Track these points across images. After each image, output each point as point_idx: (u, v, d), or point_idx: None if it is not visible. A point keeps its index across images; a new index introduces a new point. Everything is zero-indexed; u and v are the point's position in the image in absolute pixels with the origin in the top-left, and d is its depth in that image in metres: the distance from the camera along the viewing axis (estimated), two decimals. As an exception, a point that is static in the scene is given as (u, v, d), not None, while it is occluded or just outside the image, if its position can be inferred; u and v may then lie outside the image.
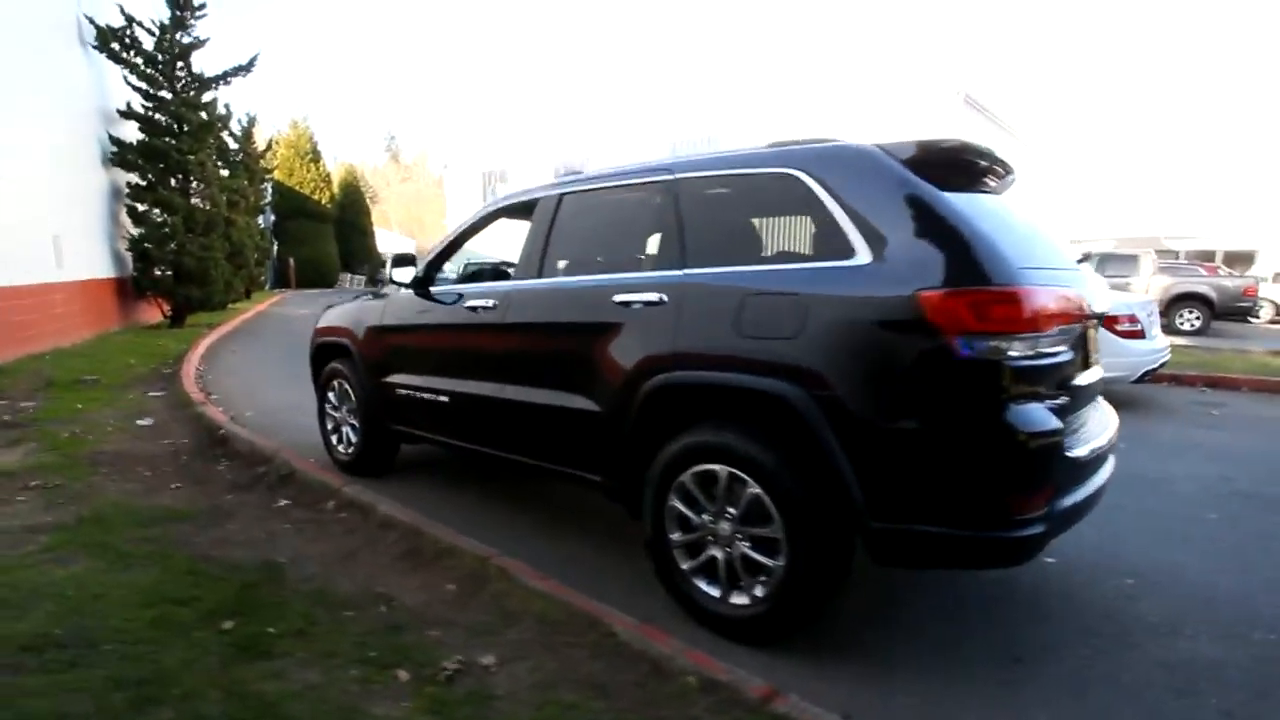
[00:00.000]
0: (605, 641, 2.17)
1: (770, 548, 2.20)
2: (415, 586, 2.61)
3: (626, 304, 2.56)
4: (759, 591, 2.24)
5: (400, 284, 3.62)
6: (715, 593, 2.35)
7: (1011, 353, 1.87)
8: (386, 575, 2.72)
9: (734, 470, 2.25)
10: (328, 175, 29.25)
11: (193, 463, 4.43)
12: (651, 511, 2.49)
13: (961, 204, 2.05)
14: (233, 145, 14.92)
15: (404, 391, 3.65)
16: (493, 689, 1.97)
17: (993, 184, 2.41)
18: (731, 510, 2.28)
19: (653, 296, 2.48)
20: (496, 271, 3.99)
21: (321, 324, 4.45)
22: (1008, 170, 2.45)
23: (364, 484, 3.70)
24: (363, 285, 30.75)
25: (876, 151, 2.17)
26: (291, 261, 25.62)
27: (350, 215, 31.15)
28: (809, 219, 2.27)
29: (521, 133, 26.59)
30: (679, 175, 2.59)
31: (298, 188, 26.93)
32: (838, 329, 2.04)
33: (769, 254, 2.47)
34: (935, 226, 1.99)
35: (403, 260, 3.57)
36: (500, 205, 3.46)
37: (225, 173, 13.14)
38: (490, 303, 3.12)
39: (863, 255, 2.05)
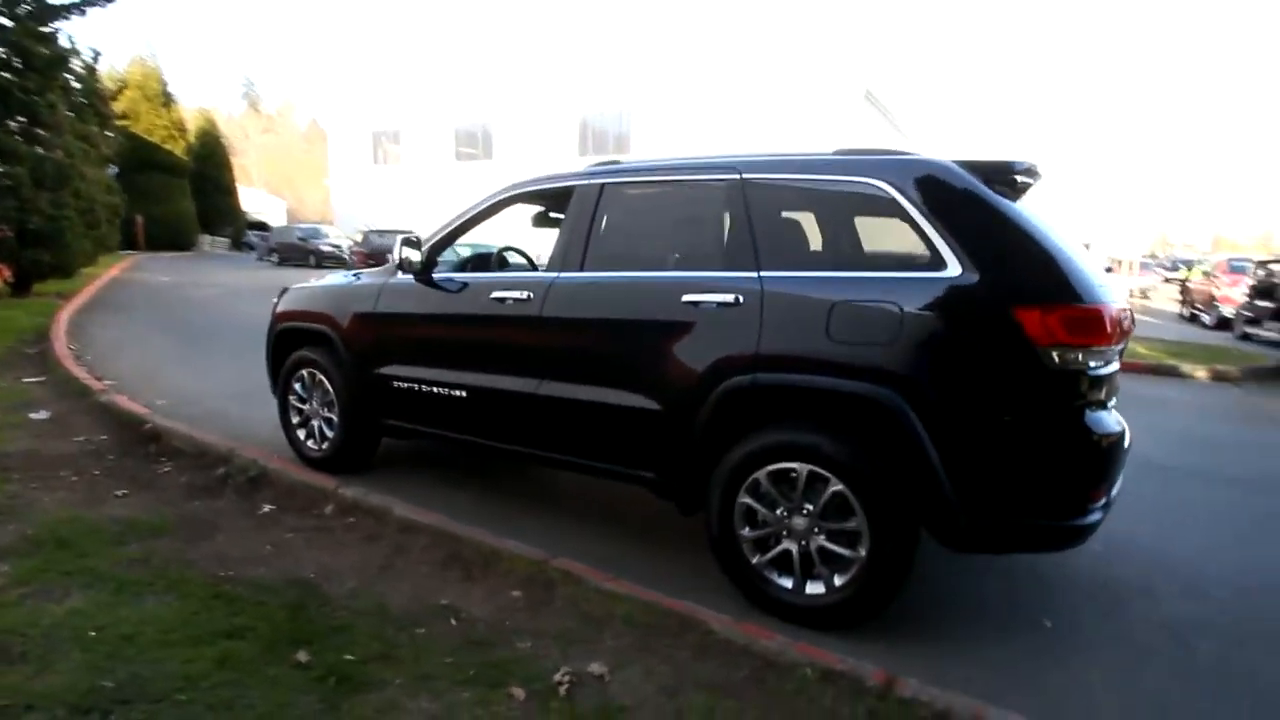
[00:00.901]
0: (706, 641, 2.21)
1: (849, 540, 2.32)
2: (477, 596, 2.50)
3: (696, 304, 2.55)
4: (838, 581, 2.36)
5: (407, 268, 3.35)
6: (789, 584, 2.45)
7: (1091, 363, 2.08)
8: (437, 585, 2.57)
9: (815, 468, 2.33)
10: (181, 123, 25.93)
11: (124, 463, 3.90)
12: (719, 509, 2.53)
13: (1033, 218, 2.23)
14: (75, 85, 12.79)
15: (404, 384, 3.41)
16: (619, 700, 1.95)
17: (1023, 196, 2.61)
18: (809, 506, 2.38)
19: (727, 297, 2.49)
20: (501, 259, 3.80)
21: (284, 308, 4.03)
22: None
23: (361, 483, 3.44)
24: (227, 248, 27.77)
25: (956, 167, 2.29)
26: (140, 220, 22.61)
27: (210, 170, 27.95)
28: (891, 228, 2.36)
29: (417, 91, 24.79)
30: (746, 175, 2.60)
31: (146, 135, 23.65)
32: (934, 337, 2.16)
33: (850, 260, 2.54)
34: (1021, 242, 2.15)
35: (412, 243, 3.30)
36: (520, 190, 3.28)
37: (71, 115, 11.27)
38: (523, 295, 2.98)
39: (954, 267, 2.18)
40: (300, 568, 2.67)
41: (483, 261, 3.76)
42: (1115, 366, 2.28)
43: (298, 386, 3.92)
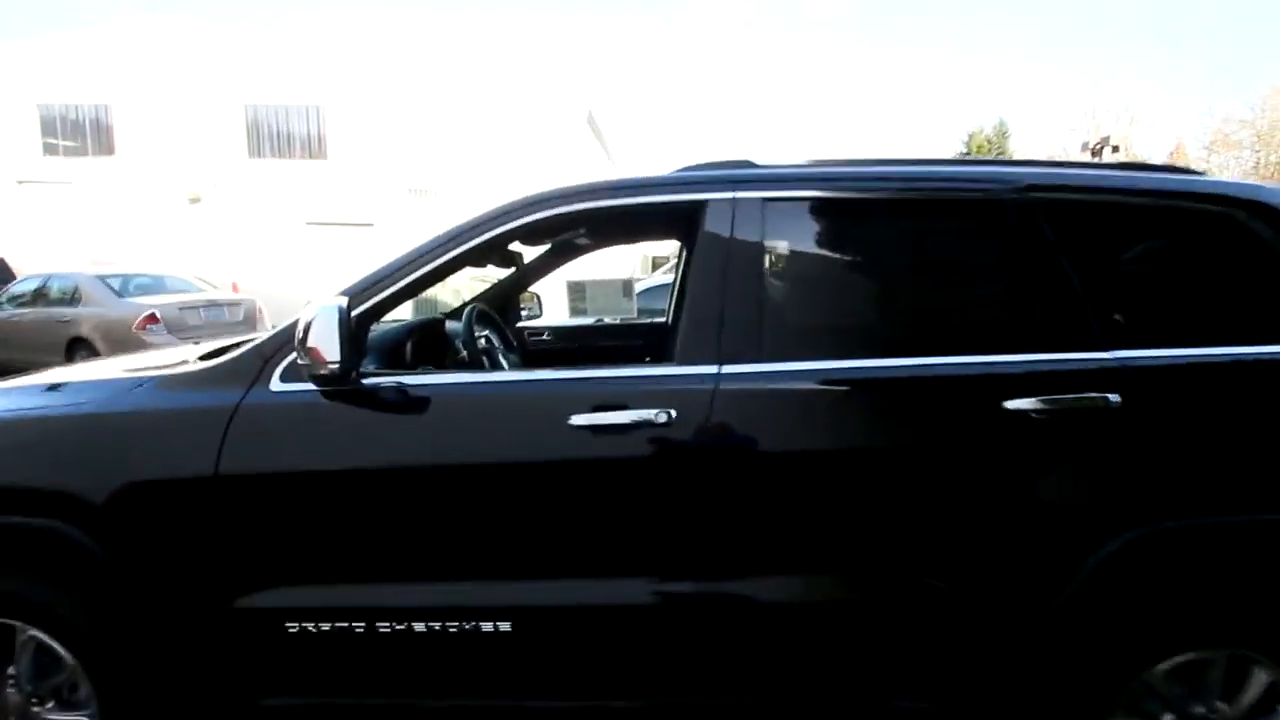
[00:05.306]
0: None
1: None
2: None
3: (1023, 411, 1.49)
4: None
5: (307, 374, 1.51)
6: None
7: None
8: None
9: (1240, 651, 1.50)
10: None
11: None
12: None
13: None
14: None
15: (322, 627, 1.57)
16: None
17: None
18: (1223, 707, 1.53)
19: (1085, 397, 1.49)
20: (470, 341, 2.02)
21: None
22: None
23: None
24: None
25: None
26: None
27: None
28: (1238, 270, 1.65)
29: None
30: (1035, 195, 1.61)
31: None
32: None
33: (1226, 323, 1.71)
34: None
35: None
36: (564, 207, 1.68)
37: None
38: (654, 414, 1.50)
39: None
40: None
41: (431, 342, 1.98)
42: None
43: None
